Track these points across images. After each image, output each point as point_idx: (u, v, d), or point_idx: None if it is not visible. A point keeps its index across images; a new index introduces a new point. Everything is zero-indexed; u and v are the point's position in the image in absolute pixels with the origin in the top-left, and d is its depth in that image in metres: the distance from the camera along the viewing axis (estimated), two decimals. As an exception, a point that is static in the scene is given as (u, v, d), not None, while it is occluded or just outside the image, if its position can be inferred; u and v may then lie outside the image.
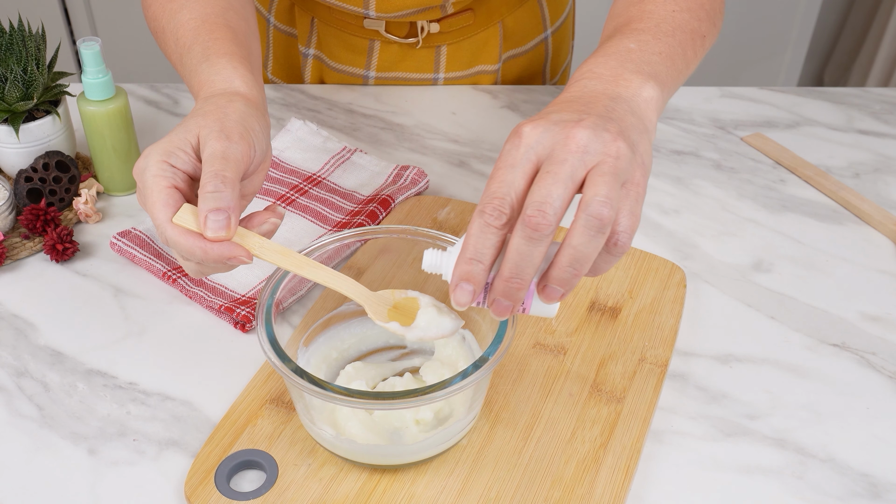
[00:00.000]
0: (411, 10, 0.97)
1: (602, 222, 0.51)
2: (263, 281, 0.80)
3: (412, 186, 0.89)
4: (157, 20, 0.77)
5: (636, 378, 0.70)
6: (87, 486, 0.64)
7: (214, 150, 0.58)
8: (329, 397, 0.57)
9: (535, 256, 0.52)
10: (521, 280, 0.52)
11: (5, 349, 0.74)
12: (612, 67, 0.61)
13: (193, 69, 0.69)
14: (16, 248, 0.83)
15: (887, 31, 2.20)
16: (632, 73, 0.60)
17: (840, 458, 0.66)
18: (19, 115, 0.85)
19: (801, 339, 0.76)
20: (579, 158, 0.52)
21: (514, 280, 0.52)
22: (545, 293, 0.54)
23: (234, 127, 0.60)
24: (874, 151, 1.00)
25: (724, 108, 1.07)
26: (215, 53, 0.68)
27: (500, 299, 0.54)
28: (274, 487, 0.62)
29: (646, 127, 0.58)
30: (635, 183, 0.54)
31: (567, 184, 0.52)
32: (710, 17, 0.72)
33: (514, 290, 0.53)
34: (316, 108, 1.04)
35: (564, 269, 0.52)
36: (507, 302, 0.54)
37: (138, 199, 0.60)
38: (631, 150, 0.54)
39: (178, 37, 0.72)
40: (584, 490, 0.62)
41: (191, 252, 0.58)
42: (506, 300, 0.53)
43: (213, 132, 0.59)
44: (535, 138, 0.54)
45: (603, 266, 0.55)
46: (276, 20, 1.10)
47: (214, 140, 0.59)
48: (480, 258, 0.53)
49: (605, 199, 0.51)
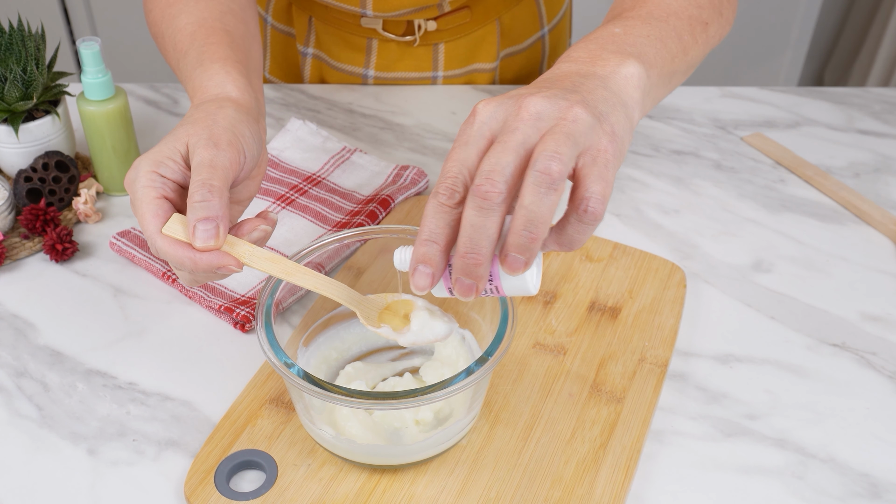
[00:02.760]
0: (408, 8, 0.97)
1: (551, 177, 0.48)
2: (263, 281, 0.80)
3: (412, 186, 0.89)
4: (156, 25, 0.77)
5: (636, 378, 0.70)
6: (87, 486, 0.64)
7: (202, 159, 0.58)
8: (329, 397, 0.57)
9: (490, 228, 0.49)
10: (478, 255, 0.50)
11: (5, 349, 0.74)
12: (591, 50, 0.59)
13: (188, 75, 0.69)
14: (15, 248, 0.83)
15: (887, 31, 2.20)
16: (611, 54, 0.58)
17: (840, 458, 0.66)
18: (19, 115, 0.85)
19: (801, 339, 0.76)
20: (532, 125, 0.50)
21: (469, 255, 0.50)
22: (507, 264, 0.51)
23: (223, 134, 0.60)
24: (874, 151, 1.00)
25: (725, 108, 1.07)
26: (209, 58, 0.68)
27: (462, 278, 0.51)
28: (274, 487, 0.62)
29: (622, 101, 0.56)
30: (602, 149, 0.51)
31: (518, 150, 0.50)
32: (714, 6, 0.70)
33: (473, 267, 0.51)
34: (315, 108, 1.04)
35: (519, 233, 0.49)
36: (469, 280, 0.51)
37: (131, 209, 0.61)
38: (593, 117, 0.51)
39: (175, 42, 0.72)
40: (584, 490, 0.62)
41: (181, 262, 0.58)
42: (467, 278, 0.51)
43: (202, 140, 0.59)
44: (489, 114, 0.52)
45: (577, 237, 0.52)
46: (274, 19, 1.10)
47: (202, 148, 0.59)
48: (435, 238, 0.51)
49: (552, 154, 0.48)
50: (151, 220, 0.58)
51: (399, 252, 0.58)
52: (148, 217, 0.58)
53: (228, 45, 0.70)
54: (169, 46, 0.74)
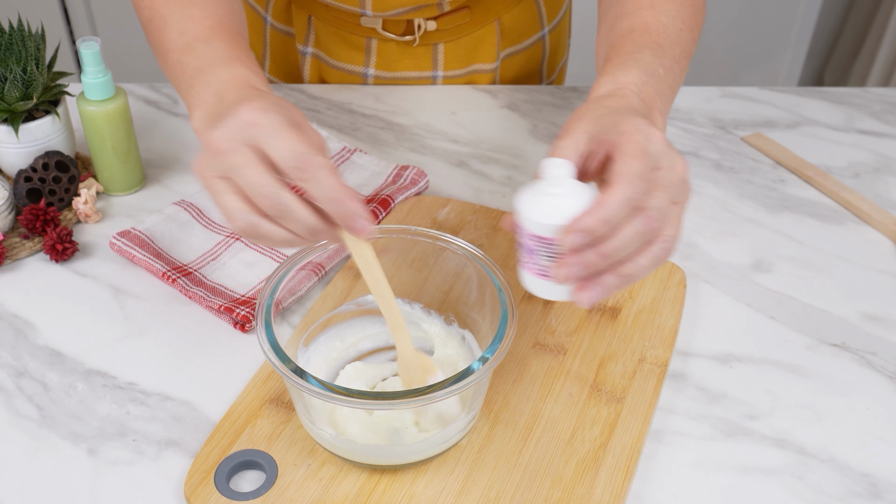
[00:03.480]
0: (408, 7, 0.97)
1: (662, 258, 0.58)
2: (263, 281, 0.80)
3: (412, 186, 0.89)
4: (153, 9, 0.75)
5: (636, 378, 0.70)
6: (87, 486, 0.64)
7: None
8: (329, 397, 0.57)
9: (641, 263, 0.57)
10: (628, 282, 0.58)
11: (5, 349, 0.74)
12: (652, 101, 0.65)
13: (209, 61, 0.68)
14: (15, 248, 0.83)
15: (887, 31, 2.20)
16: (660, 114, 0.65)
17: (840, 458, 0.66)
18: (19, 115, 0.85)
19: (801, 339, 0.76)
20: (669, 197, 0.58)
21: (623, 281, 0.57)
22: (588, 291, 0.57)
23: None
24: (874, 151, 1.00)
25: (725, 108, 1.07)
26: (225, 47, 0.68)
27: (599, 291, 0.57)
28: (273, 487, 0.62)
29: None
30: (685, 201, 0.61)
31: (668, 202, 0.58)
32: (697, 31, 0.75)
33: (617, 288, 0.57)
34: (315, 108, 1.04)
35: (618, 282, 0.57)
36: (603, 295, 0.57)
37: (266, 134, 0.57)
38: None
39: (185, 28, 0.71)
40: (584, 490, 0.62)
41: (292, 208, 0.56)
42: (604, 293, 0.57)
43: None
44: (653, 161, 0.58)
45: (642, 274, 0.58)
46: (273, 19, 1.10)
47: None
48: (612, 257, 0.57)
49: (670, 238, 0.58)
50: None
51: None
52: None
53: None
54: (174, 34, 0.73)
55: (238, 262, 0.82)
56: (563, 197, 0.56)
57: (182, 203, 0.87)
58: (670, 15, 0.71)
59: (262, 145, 0.56)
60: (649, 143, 0.57)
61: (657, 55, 0.68)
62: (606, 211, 0.54)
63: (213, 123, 0.58)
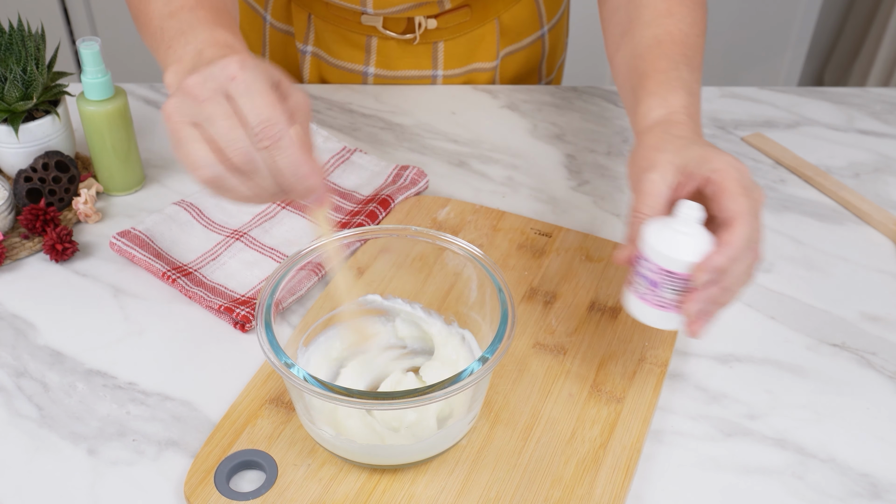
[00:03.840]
0: (408, 5, 0.97)
1: (735, 297, 0.63)
2: (263, 281, 0.80)
3: (412, 186, 0.89)
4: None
5: (636, 378, 0.70)
6: (87, 486, 0.64)
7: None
8: (329, 397, 0.57)
9: None
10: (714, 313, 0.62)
11: (5, 349, 0.74)
12: (695, 116, 0.70)
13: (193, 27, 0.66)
14: (15, 247, 0.83)
15: (887, 31, 2.20)
16: (700, 129, 0.70)
17: (840, 458, 0.66)
18: (19, 115, 0.85)
19: (801, 339, 0.76)
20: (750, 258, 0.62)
21: (714, 308, 0.61)
22: (698, 323, 0.62)
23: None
24: (874, 151, 1.00)
25: (724, 108, 1.07)
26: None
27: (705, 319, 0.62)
28: (273, 487, 0.62)
29: None
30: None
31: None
32: (702, 37, 0.78)
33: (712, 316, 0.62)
34: (315, 108, 1.04)
35: (711, 308, 0.62)
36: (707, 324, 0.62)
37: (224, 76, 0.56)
38: None
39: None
40: (584, 490, 0.62)
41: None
42: (707, 322, 0.62)
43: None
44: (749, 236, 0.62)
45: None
46: (273, 18, 1.10)
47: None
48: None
49: (741, 283, 0.62)
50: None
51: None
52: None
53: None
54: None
55: (238, 262, 0.82)
56: (693, 237, 0.60)
57: (182, 203, 0.87)
58: (687, 22, 0.74)
59: (236, 100, 0.55)
60: (743, 177, 0.61)
61: (690, 69, 0.72)
62: (734, 250, 0.59)
63: (191, 74, 0.57)
